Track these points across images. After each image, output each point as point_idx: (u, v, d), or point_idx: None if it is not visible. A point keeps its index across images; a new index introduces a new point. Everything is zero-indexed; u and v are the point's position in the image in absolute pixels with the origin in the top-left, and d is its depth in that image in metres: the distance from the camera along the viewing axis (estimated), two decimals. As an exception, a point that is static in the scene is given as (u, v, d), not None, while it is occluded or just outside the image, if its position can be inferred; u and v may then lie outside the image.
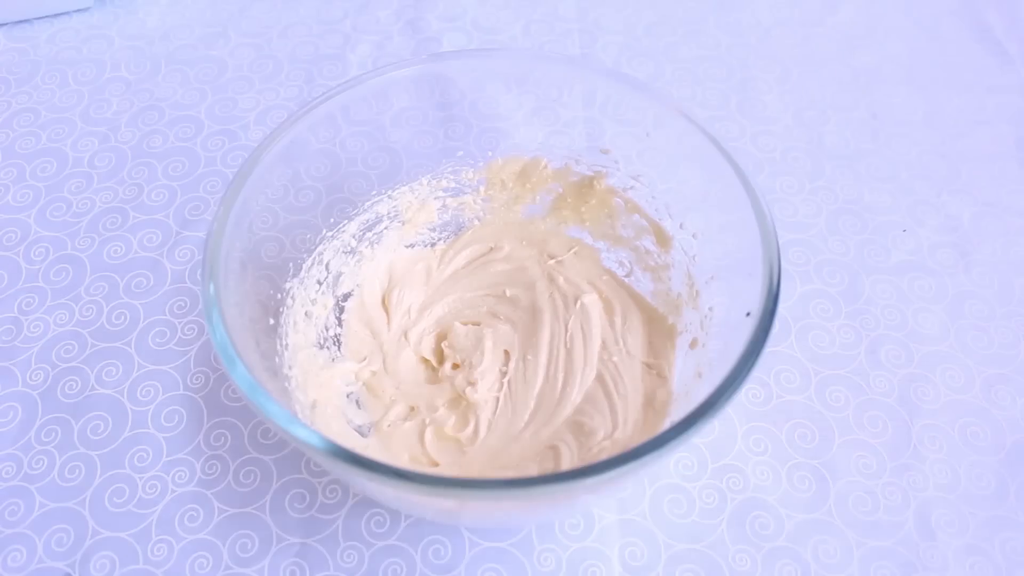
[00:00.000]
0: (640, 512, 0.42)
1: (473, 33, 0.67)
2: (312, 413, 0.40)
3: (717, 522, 0.42)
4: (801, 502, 0.43)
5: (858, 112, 0.62)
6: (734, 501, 0.43)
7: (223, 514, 0.42)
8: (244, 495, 0.42)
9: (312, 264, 0.45)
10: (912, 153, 0.59)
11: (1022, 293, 0.52)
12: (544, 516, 0.42)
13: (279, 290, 0.42)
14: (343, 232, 0.46)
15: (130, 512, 0.42)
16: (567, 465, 0.41)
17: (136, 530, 0.41)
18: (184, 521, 0.42)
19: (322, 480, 0.43)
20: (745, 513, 0.42)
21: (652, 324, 0.46)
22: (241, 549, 0.41)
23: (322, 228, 0.45)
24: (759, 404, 0.46)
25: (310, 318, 0.44)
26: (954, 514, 0.43)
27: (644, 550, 0.41)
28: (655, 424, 0.41)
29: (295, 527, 0.42)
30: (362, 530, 0.42)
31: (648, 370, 0.44)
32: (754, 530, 0.42)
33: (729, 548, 0.41)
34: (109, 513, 0.42)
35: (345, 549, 0.41)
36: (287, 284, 0.43)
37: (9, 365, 0.47)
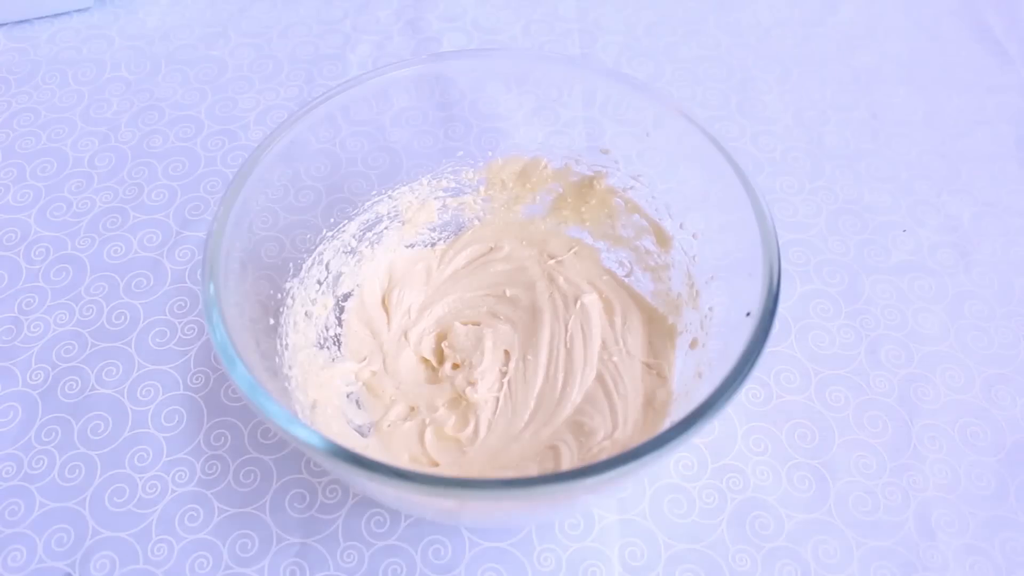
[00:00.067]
0: (640, 512, 0.42)
1: (473, 33, 0.67)
2: (312, 413, 0.40)
3: (717, 522, 0.42)
4: (801, 502, 0.43)
5: (858, 112, 0.62)
6: (734, 501, 0.43)
7: (223, 514, 0.42)
8: (244, 495, 0.42)
9: (312, 264, 0.45)
10: (912, 153, 0.59)
11: (1022, 293, 0.52)
12: (544, 516, 0.42)
13: (279, 290, 0.42)
14: (343, 232, 0.46)
15: (130, 512, 0.42)
16: (567, 465, 0.41)
17: (136, 530, 0.41)
18: (184, 521, 0.42)
19: (322, 480, 0.43)
20: (745, 513, 0.42)
21: (652, 324, 0.46)
22: (241, 549, 0.41)
23: (322, 228, 0.45)
24: (759, 404, 0.46)
25: (310, 318, 0.44)
26: (954, 514, 0.43)
27: (644, 550, 0.41)
28: (655, 424, 0.41)
29: (295, 527, 0.42)
30: (362, 530, 0.42)
31: (648, 370, 0.44)
32: (754, 530, 0.42)
33: (729, 548, 0.41)
34: (109, 513, 0.42)
35: (345, 549, 0.41)
36: (287, 284, 0.43)
37: (9, 365, 0.47)
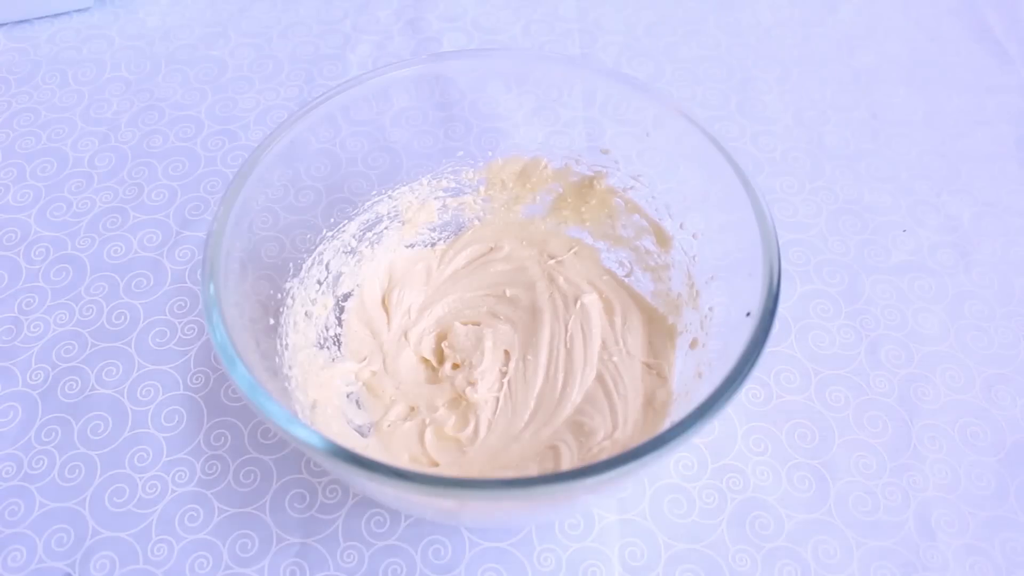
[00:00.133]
0: (640, 512, 0.42)
1: (473, 33, 0.67)
2: (312, 413, 0.40)
3: (717, 522, 0.42)
4: (801, 502, 0.43)
5: (858, 112, 0.62)
6: (734, 501, 0.43)
7: (223, 514, 0.42)
8: (244, 495, 0.42)
9: (312, 264, 0.45)
10: (912, 153, 0.59)
11: (1022, 293, 0.52)
12: (544, 516, 0.42)
13: (279, 290, 0.42)
14: (343, 232, 0.46)
15: (130, 512, 0.42)
16: (567, 465, 0.41)
17: (136, 530, 0.41)
18: (184, 521, 0.42)
19: (322, 480, 0.43)
20: (745, 513, 0.42)
21: (652, 324, 0.46)
22: (241, 549, 0.41)
23: (322, 228, 0.45)
24: (759, 404, 0.46)
25: (310, 318, 0.44)
26: (954, 514, 0.43)
27: (644, 550, 0.41)
28: (655, 424, 0.41)
29: (295, 527, 0.42)
30: (362, 530, 0.42)
31: (648, 370, 0.44)
32: (754, 530, 0.42)
33: (729, 548, 0.41)
34: (109, 513, 0.42)
35: (345, 549, 0.41)
36: (287, 284, 0.43)
37: (9, 365, 0.47)
